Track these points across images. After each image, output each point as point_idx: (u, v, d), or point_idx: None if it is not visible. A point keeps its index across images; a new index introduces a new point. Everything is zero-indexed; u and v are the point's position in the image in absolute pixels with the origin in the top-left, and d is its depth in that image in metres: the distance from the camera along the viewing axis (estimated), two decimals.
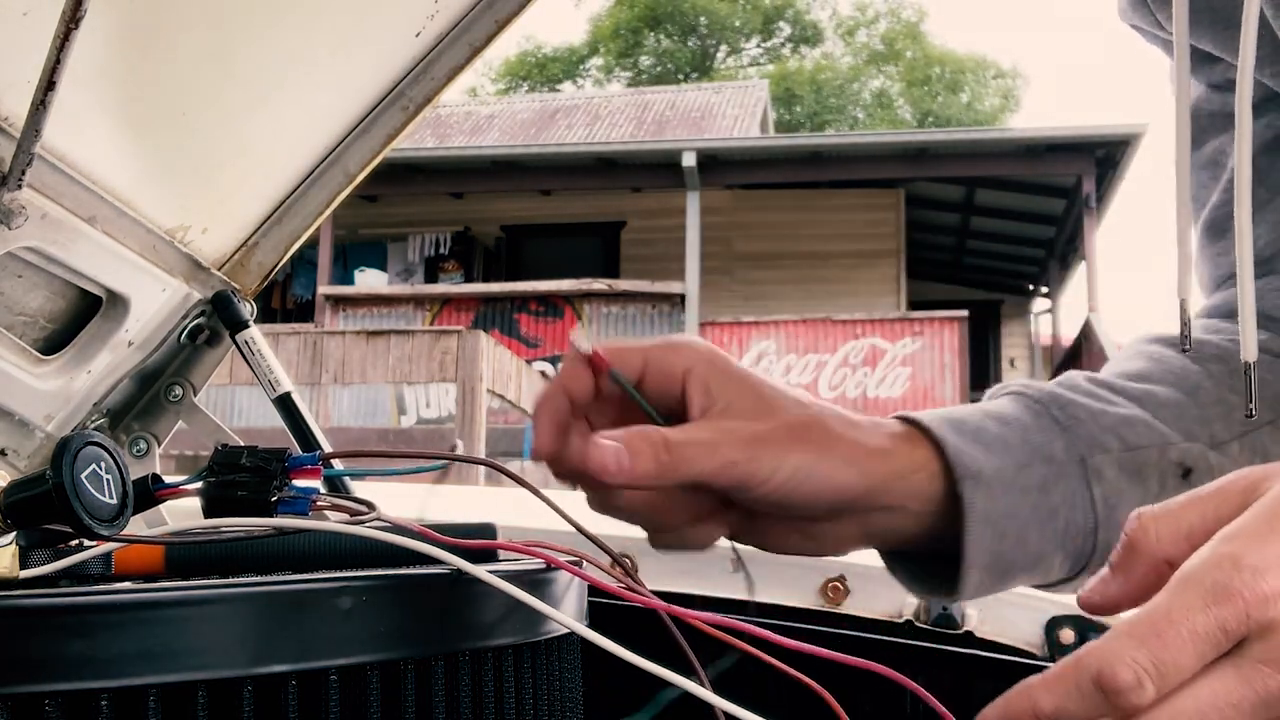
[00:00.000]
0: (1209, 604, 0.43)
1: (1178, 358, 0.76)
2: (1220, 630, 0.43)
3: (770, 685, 0.89)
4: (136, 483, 0.51)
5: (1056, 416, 0.68)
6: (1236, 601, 0.43)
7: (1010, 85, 27.98)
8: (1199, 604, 0.43)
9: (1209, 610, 0.43)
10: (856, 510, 0.62)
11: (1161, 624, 0.43)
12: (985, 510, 0.63)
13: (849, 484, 0.61)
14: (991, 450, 0.65)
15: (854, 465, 0.61)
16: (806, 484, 0.60)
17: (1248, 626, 0.43)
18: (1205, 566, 0.44)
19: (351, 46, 0.93)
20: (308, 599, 0.41)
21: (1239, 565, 0.43)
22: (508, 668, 0.47)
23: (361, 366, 7.13)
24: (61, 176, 0.83)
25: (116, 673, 0.36)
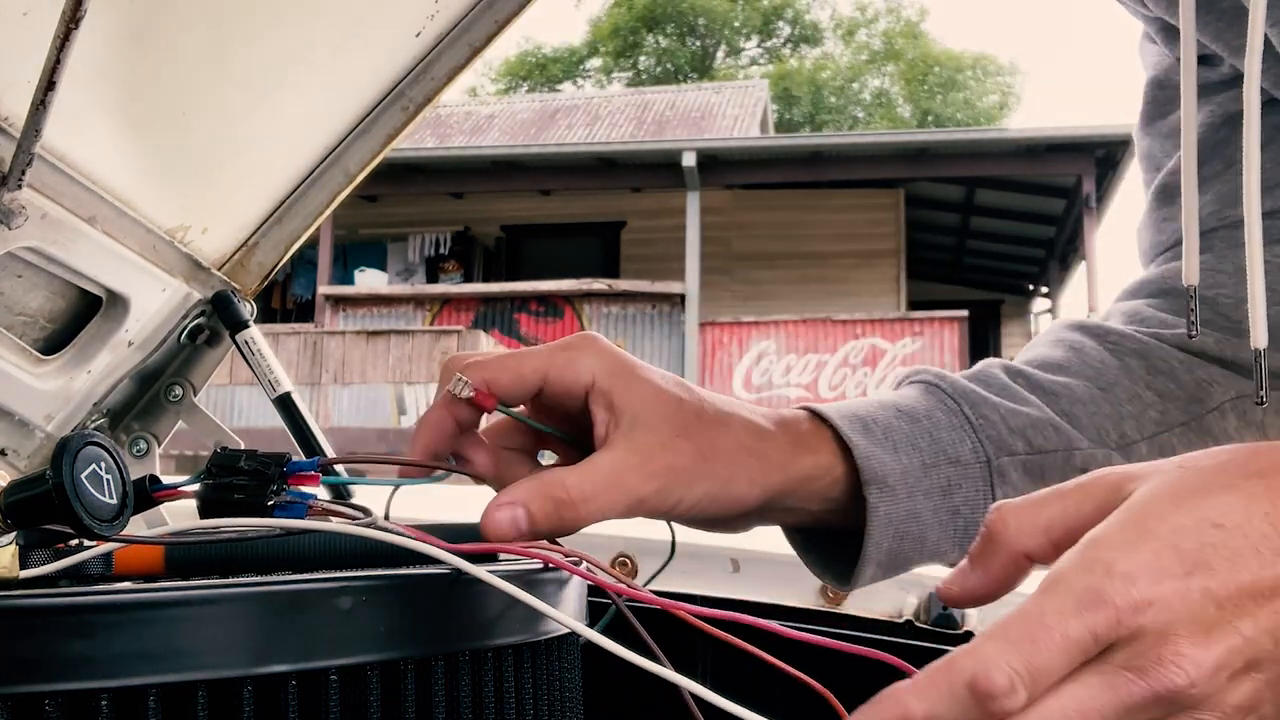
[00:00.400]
0: (1082, 610, 0.43)
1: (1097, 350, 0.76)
2: (1091, 636, 0.43)
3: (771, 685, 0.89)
4: (135, 483, 0.51)
5: (968, 415, 0.69)
6: (1109, 609, 0.43)
7: (1009, 84, 28.00)
8: (1072, 609, 0.43)
9: (1082, 616, 0.43)
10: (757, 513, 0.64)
11: (1035, 628, 0.43)
12: (888, 514, 0.64)
13: (752, 501, 0.62)
14: (899, 450, 0.66)
15: (758, 484, 0.62)
16: (711, 507, 0.61)
17: (1117, 633, 0.43)
18: (1077, 571, 0.44)
19: (351, 46, 0.93)
20: (308, 599, 0.41)
21: (1111, 572, 0.43)
22: (508, 668, 0.47)
23: (361, 366, 7.13)
24: (61, 176, 0.83)
25: (116, 673, 0.36)
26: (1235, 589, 0.44)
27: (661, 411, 0.59)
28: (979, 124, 25.13)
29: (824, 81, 27.15)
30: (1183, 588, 0.43)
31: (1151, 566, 0.44)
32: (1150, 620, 0.43)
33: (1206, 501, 0.46)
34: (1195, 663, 0.43)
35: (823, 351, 11.29)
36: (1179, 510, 0.45)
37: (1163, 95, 0.85)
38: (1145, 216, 0.88)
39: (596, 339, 0.60)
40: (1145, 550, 0.44)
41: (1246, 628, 0.44)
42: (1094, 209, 11.38)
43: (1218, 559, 0.44)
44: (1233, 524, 0.45)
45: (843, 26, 29.24)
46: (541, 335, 11.89)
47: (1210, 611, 0.44)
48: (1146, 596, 0.43)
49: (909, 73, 27.30)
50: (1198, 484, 0.46)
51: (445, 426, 0.57)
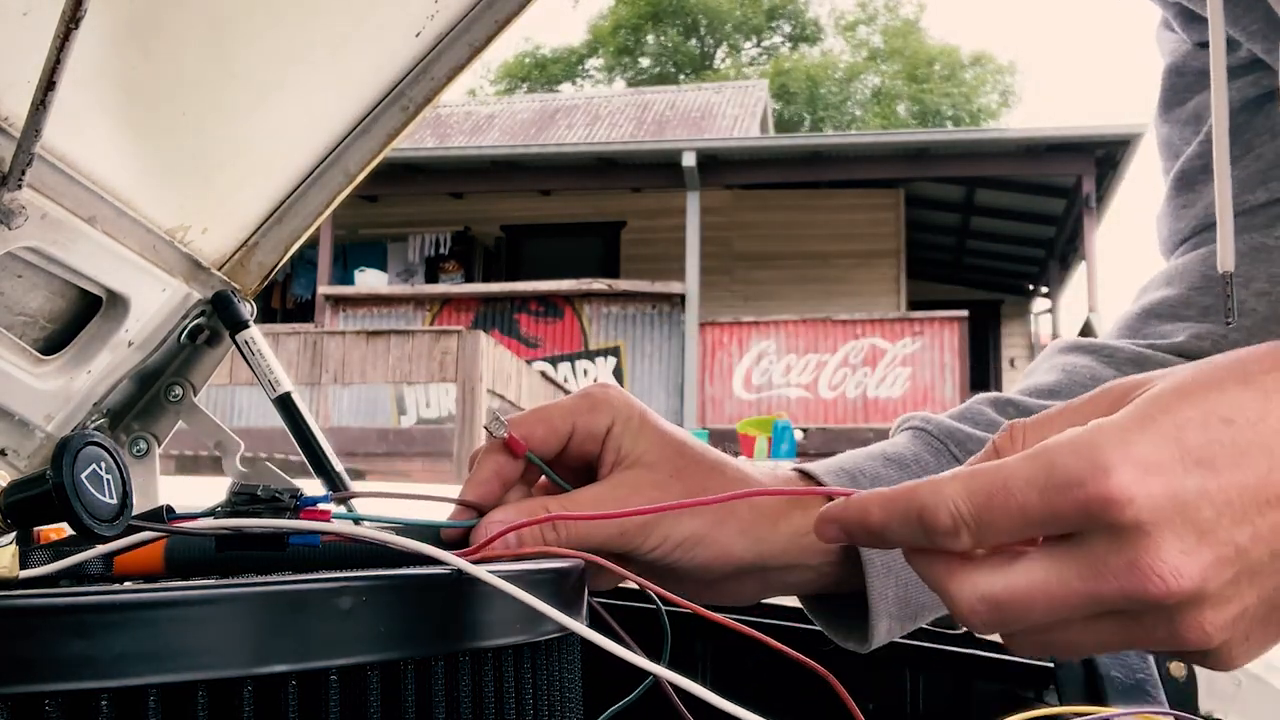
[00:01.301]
0: (1049, 487, 0.42)
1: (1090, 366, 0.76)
2: (1051, 515, 0.42)
3: (770, 684, 0.89)
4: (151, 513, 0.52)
5: (955, 454, 0.69)
6: (1077, 494, 0.41)
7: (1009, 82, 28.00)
8: (1040, 484, 0.42)
9: (1046, 493, 0.42)
10: (753, 573, 0.63)
11: (997, 487, 0.43)
12: (885, 562, 0.64)
13: (741, 553, 0.61)
14: None
15: (747, 534, 0.61)
16: (698, 551, 0.61)
17: (1087, 520, 0.41)
18: (1062, 447, 0.42)
19: (351, 46, 0.93)
20: (308, 599, 0.41)
21: (1094, 459, 0.41)
22: (508, 668, 0.47)
23: (361, 366, 7.13)
24: (61, 176, 0.83)
25: (116, 673, 0.36)
26: (1238, 492, 0.41)
27: (661, 454, 0.61)
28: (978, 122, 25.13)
29: (823, 79, 27.16)
30: (1177, 485, 0.41)
31: (1144, 459, 0.41)
32: (1130, 517, 0.40)
33: (1219, 395, 0.42)
34: (1176, 571, 0.40)
35: (823, 351, 11.29)
36: (1186, 403, 0.42)
37: (1181, 82, 0.85)
38: (1164, 204, 0.87)
39: (615, 388, 0.63)
40: (1142, 442, 0.41)
41: (1243, 536, 0.41)
42: (1094, 209, 11.38)
43: (1223, 457, 0.41)
44: (1245, 420, 0.42)
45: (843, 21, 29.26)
46: (542, 335, 11.90)
47: (1205, 514, 0.41)
48: (1128, 491, 0.40)
49: (908, 70, 27.31)
50: (1211, 379, 0.43)
51: (492, 486, 0.61)
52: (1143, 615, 0.42)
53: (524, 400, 7.77)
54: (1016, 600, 0.43)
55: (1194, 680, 0.84)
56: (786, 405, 11.10)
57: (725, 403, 11.35)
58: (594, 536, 0.59)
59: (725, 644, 0.92)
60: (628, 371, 11.69)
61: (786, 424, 9.42)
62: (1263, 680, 0.84)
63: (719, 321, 11.61)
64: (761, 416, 10.21)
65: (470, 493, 0.61)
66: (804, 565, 0.64)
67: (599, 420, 0.62)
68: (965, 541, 0.43)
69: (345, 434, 10.10)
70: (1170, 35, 0.86)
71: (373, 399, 11.28)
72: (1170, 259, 0.86)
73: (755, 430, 9.37)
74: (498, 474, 0.61)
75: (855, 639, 0.67)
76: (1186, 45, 0.84)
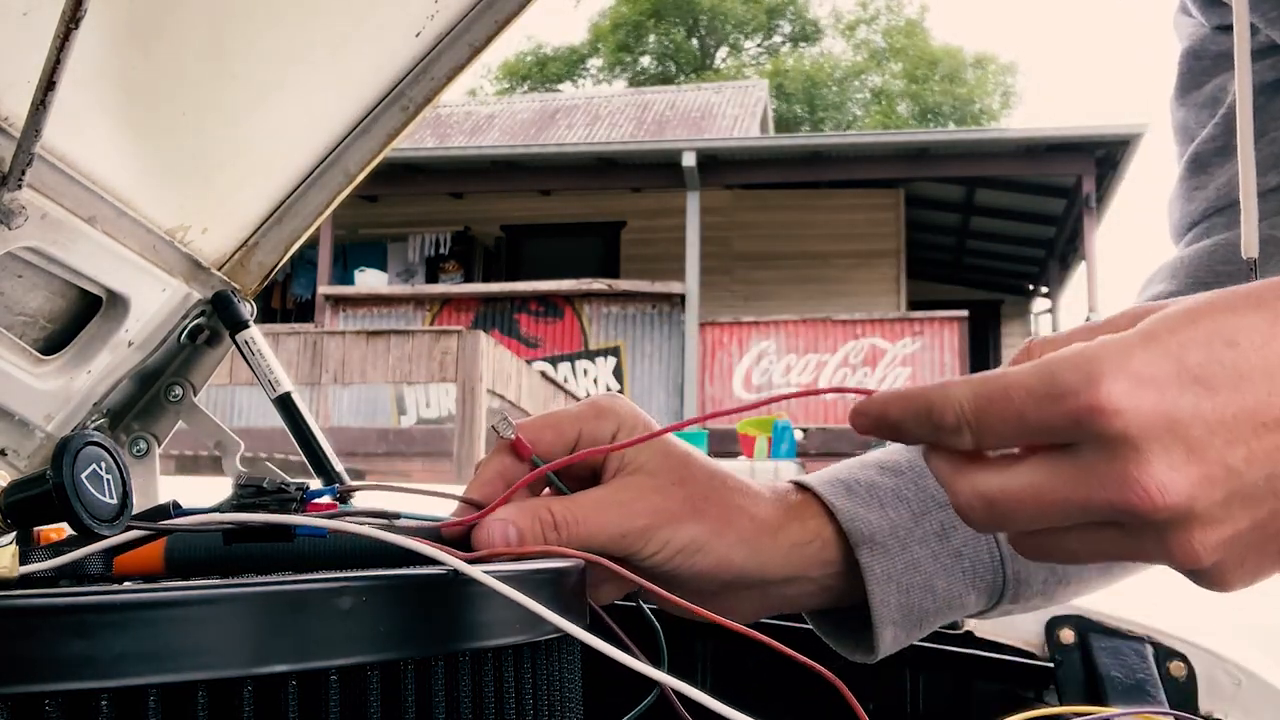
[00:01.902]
0: (1046, 394, 0.42)
1: None
2: (1047, 422, 0.42)
3: (770, 686, 0.89)
4: (159, 508, 0.52)
5: None
6: (1070, 401, 0.41)
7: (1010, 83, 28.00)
8: (1038, 391, 0.43)
9: (1041, 404, 0.42)
10: (753, 585, 0.63)
11: (998, 395, 0.44)
12: (885, 571, 0.64)
13: (741, 562, 0.61)
14: (886, 506, 0.65)
15: (747, 543, 0.62)
16: (698, 559, 0.61)
17: (1079, 429, 0.42)
18: (1064, 359, 0.43)
19: (351, 46, 0.93)
20: (308, 599, 0.41)
21: (1089, 371, 0.41)
22: (508, 668, 0.47)
23: (361, 366, 7.13)
24: (61, 176, 0.83)
25: (116, 673, 0.36)
26: (1234, 413, 0.40)
27: (665, 463, 0.62)
28: (979, 121, 25.13)
29: (824, 78, 27.15)
30: (1169, 402, 0.41)
31: (1139, 374, 0.41)
32: (1120, 428, 0.40)
33: (1226, 317, 0.42)
34: (1162, 486, 0.40)
35: (823, 351, 11.30)
36: (1193, 324, 0.42)
37: (1198, 66, 0.85)
38: (1176, 188, 0.87)
39: (621, 398, 0.64)
40: (1140, 357, 0.41)
41: (1235, 457, 0.41)
42: (1094, 209, 11.39)
43: (1222, 377, 0.41)
44: (1249, 344, 0.41)
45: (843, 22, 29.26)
46: (542, 335, 11.90)
47: (1197, 432, 0.40)
48: (1119, 403, 0.40)
49: (910, 70, 27.30)
50: (1224, 302, 0.43)
51: (496, 487, 0.61)
52: (1133, 528, 0.42)
53: (524, 400, 7.77)
54: (1009, 500, 0.44)
55: (1194, 680, 0.84)
56: (786, 405, 11.10)
57: (725, 403, 11.35)
58: (595, 539, 0.59)
59: (725, 645, 0.92)
60: (628, 371, 11.69)
61: (786, 424, 9.42)
62: (1263, 680, 0.84)
63: (719, 321, 11.61)
64: (761, 416, 10.21)
65: (474, 492, 0.61)
66: (804, 577, 0.64)
67: (605, 427, 0.62)
68: (967, 440, 0.45)
69: (345, 434, 10.10)
70: (1188, 19, 0.86)
71: (373, 399, 11.29)
72: (1180, 242, 0.86)
73: (755, 430, 9.36)
74: (502, 475, 0.61)
75: (862, 650, 0.67)
76: (1205, 29, 0.84)
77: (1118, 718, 0.66)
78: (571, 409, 0.63)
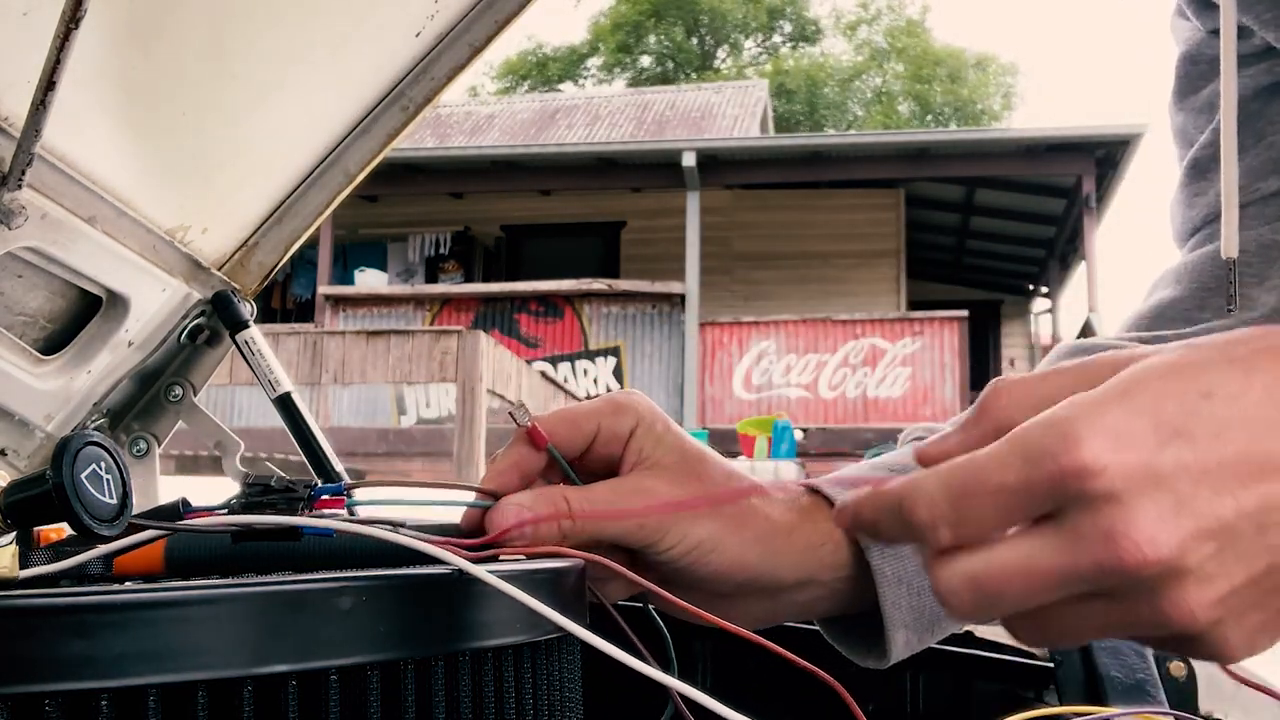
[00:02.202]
0: (1023, 464, 0.41)
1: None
2: (1027, 492, 0.41)
3: (770, 688, 0.89)
4: (166, 507, 0.52)
5: None
6: (1049, 464, 0.40)
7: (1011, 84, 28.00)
8: (1014, 462, 0.41)
9: (1020, 469, 0.41)
10: (765, 589, 0.63)
11: (970, 474, 0.42)
12: (895, 573, 0.63)
13: (755, 563, 0.61)
14: None
15: (761, 543, 0.62)
16: (713, 556, 0.61)
17: (1061, 493, 0.40)
18: (1036, 426, 0.41)
19: (351, 46, 0.93)
20: (308, 599, 0.41)
21: (1065, 432, 0.40)
22: (508, 668, 0.47)
23: (361, 366, 7.13)
24: (61, 176, 0.83)
25: (116, 673, 0.36)
26: (1217, 463, 0.40)
27: (681, 457, 0.62)
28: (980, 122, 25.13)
29: (825, 78, 27.15)
30: (1152, 456, 0.40)
31: (1118, 430, 0.40)
32: (1103, 487, 0.39)
33: (1201, 372, 0.41)
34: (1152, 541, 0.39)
35: (823, 351, 11.30)
36: (1166, 377, 0.41)
37: (1195, 70, 0.85)
38: (1176, 193, 0.87)
39: (639, 394, 0.64)
40: (1116, 413, 0.40)
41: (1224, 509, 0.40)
42: (1094, 209, 11.38)
43: (1201, 429, 0.40)
44: (1225, 394, 0.40)
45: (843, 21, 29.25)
46: (542, 335, 11.90)
47: (1182, 486, 0.39)
48: (1100, 461, 0.39)
49: (911, 71, 27.29)
50: (1195, 355, 0.42)
51: (511, 476, 0.61)
52: (1126, 593, 0.41)
53: (524, 400, 7.77)
54: (994, 579, 0.42)
55: (1194, 680, 0.84)
56: (786, 405, 11.10)
57: (725, 403, 11.35)
58: (612, 528, 0.59)
59: (725, 645, 0.92)
60: (628, 371, 11.69)
61: (786, 424, 9.42)
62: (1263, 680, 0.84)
63: (719, 321, 11.60)
64: (761, 416, 10.21)
65: (490, 482, 0.61)
66: (815, 581, 0.64)
67: (623, 422, 0.62)
68: (945, 535, 0.43)
69: (345, 434, 10.10)
70: (1184, 23, 0.85)
71: (373, 399, 11.28)
72: (1183, 247, 0.86)
73: (755, 430, 9.36)
74: (518, 465, 0.61)
75: (874, 656, 0.67)
76: (1201, 33, 0.84)
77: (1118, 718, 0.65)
78: (589, 404, 0.63)
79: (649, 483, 0.61)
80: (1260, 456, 0.40)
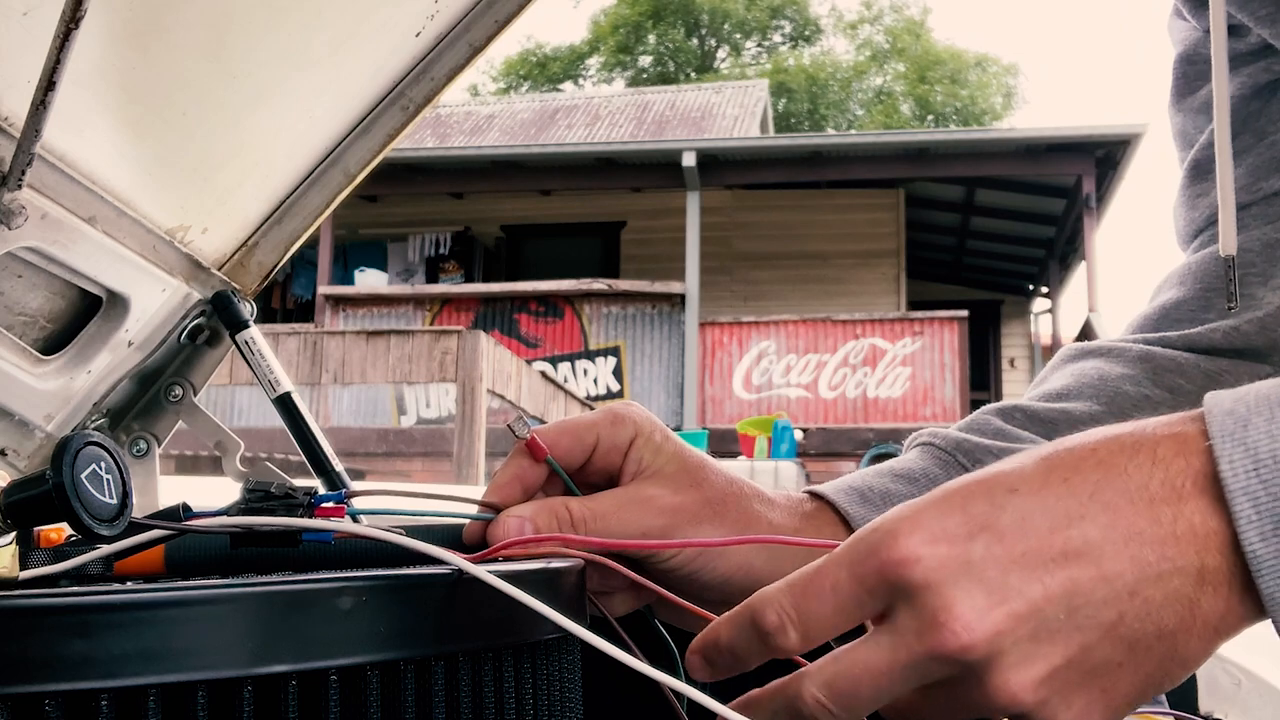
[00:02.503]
0: (852, 562, 0.44)
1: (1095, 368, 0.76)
2: (859, 587, 0.44)
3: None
4: (167, 510, 0.52)
5: (964, 464, 0.69)
6: (874, 561, 0.43)
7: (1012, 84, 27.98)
8: (845, 561, 0.44)
9: (850, 567, 0.44)
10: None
11: (811, 577, 0.45)
12: None
13: (760, 567, 0.62)
14: None
15: (766, 548, 0.62)
16: (718, 562, 0.61)
17: (886, 587, 0.43)
18: (864, 529, 0.45)
19: (351, 46, 0.93)
20: (308, 599, 0.41)
21: (888, 530, 0.44)
22: (507, 668, 0.47)
23: (361, 366, 7.13)
24: (61, 176, 0.83)
25: (116, 673, 0.36)
26: (1022, 552, 0.42)
27: (681, 466, 0.63)
28: (981, 122, 25.13)
29: (826, 77, 27.14)
30: (963, 547, 0.43)
31: (930, 525, 0.43)
32: (920, 576, 0.42)
33: (1007, 473, 0.45)
34: (968, 625, 0.42)
35: (823, 351, 11.29)
36: (976, 480, 0.45)
37: (1192, 71, 0.84)
38: (1179, 195, 0.87)
39: (637, 406, 0.65)
40: (930, 511, 0.44)
41: (1033, 592, 0.42)
42: (1094, 209, 11.38)
43: (1006, 520, 0.43)
44: (1027, 489, 0.44)
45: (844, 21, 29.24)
46: (542, 335, 11.89)
47: (991, 574, 0.42)
48: (915, 553, 0.43)
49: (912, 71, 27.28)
50: (1007, 465, 0.46)
51: (514, 490, 0.62)
52: (958, 680, 0.43)
53: (524, 400, 7.77)
54: (847, 680, 0.44)
55: (1194, 680, 0.84)
56: (786, 405, 11.10)
57: (725, 403, 11.35)
58: (613, 538, 0.59)
59: None
60: (628, 371, 11.69)
61: (786, 424, 9.42)
62: (1263, 680, 0.84)
63: (719, 321, 11.60)
64: (761, 416, 10.21)
65: (492, 496, 0.61)
66: None
67: (622, 433, 0.63)
68: (793, 637, 0.45)
69: (345, 434, 10.10)
70: (1181, 23, 0.85)
71: (373, 399, 11.28)
72: (1187, 248, 0.86)
73: (755, 430, 9.36)
74: (519, 478, 0.61)
75: None
76: (1198, 33, 0.83)
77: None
78: (588, 415, 0.64)
79: (651, 491, 0.61)
80: (1061, 543, 0.42)
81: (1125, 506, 0.42)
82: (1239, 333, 0.74)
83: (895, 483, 0.67)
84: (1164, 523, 0.42)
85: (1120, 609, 0.42)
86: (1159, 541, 0.42)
